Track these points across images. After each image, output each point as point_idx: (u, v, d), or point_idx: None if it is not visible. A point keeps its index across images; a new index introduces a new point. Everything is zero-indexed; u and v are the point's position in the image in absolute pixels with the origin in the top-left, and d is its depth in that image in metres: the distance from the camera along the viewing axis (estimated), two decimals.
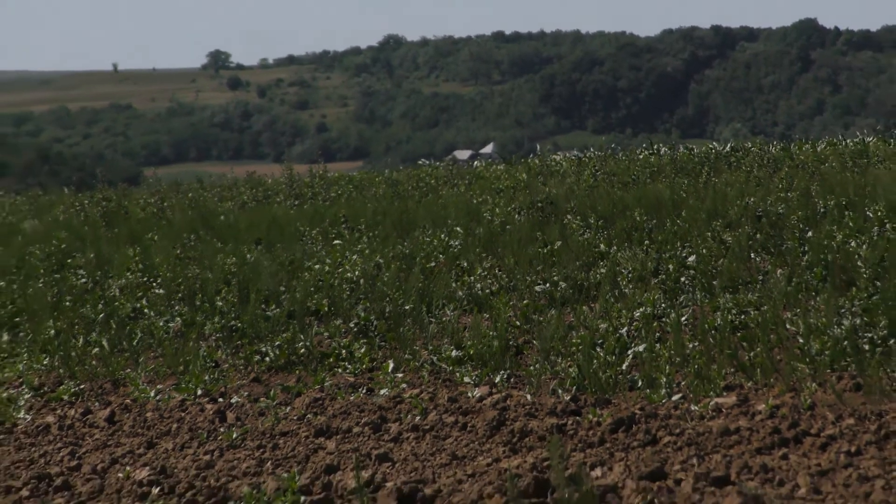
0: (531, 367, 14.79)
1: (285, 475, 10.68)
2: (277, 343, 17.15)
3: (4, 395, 15.42)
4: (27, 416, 14.41)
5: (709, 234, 22.29)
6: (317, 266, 22.33)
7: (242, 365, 16.65)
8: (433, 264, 21.90)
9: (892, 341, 14.04)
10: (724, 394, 13.17)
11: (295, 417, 13.59)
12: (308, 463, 11.58)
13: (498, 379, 14.64)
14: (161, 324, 19.10)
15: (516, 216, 26.68)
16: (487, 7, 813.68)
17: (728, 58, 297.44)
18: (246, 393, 15.05)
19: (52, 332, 19.04)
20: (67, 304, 21.10)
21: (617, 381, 13.84)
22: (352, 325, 18.24)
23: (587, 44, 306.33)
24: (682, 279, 19.41)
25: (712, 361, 14.10)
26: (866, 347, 13.94)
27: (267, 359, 16.72)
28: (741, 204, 24.88)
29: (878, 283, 16.83)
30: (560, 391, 13.79)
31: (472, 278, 20.65)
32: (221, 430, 13.23)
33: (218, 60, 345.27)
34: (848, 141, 41.95)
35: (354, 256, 23.18)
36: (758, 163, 34.89)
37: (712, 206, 25.10)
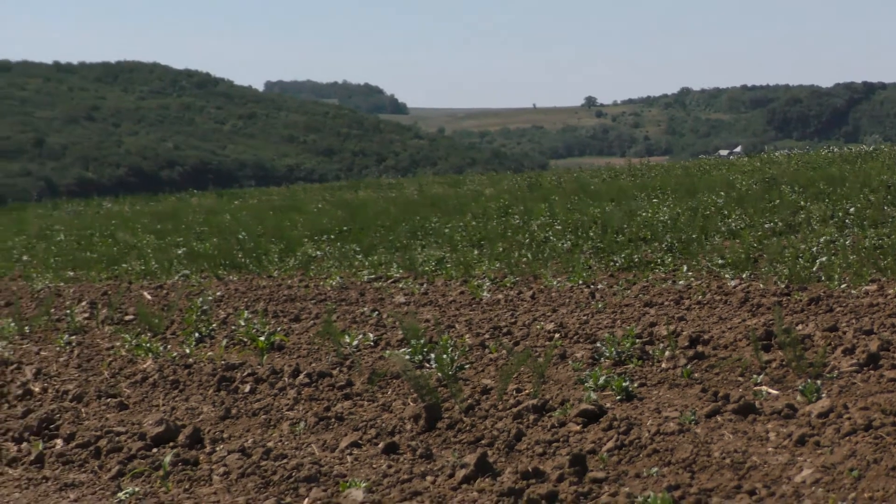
0: (762, 269, 14.59)
1: (627, 328, 10.67)
2: (623, 255, 17.10)
3: (476, 283, 15.62)
4: (487, 295, 14.58)
5: (861, 195, 21.69)
6: (644, 213, 22.20)
7: (604, 267, 16.64)
8: (707, 213, 21.61)
9: None
10: (870, 284, 12.84)
11: (632, 296, 13.54)
12: (639, 321, 11.53)
13: (744, 275, 14.42)
14: (559, 245, 19.18)
15: (753, 186, 26.18)
16: (737, 67, 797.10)
17: (872, 99, 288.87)
18: (605, 283, 15.05)
19: (501, 249, 19.25)
20: (508, 234, 21.29)
21: (810, 277, 13.56)
22: (663, 245, 18.13)
23: (792, 90, 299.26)
24: (847, 220, 18.94)
25: (863, 266, 13.76)
26: None
27: (617, 264, 16.69)
28: (879, 179, 24.15)
29: None
30: (778, 282, 13.57)
31: (728, 220, 20.34)
32: (592, 303, 13.25)
33: (590, 101, 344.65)
34: None
35: (664, 207, 22.98)
36: (888, 156, 33.96)
37: (863, 180, 24.37)
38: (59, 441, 7.95)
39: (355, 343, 11.10)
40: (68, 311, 14.24)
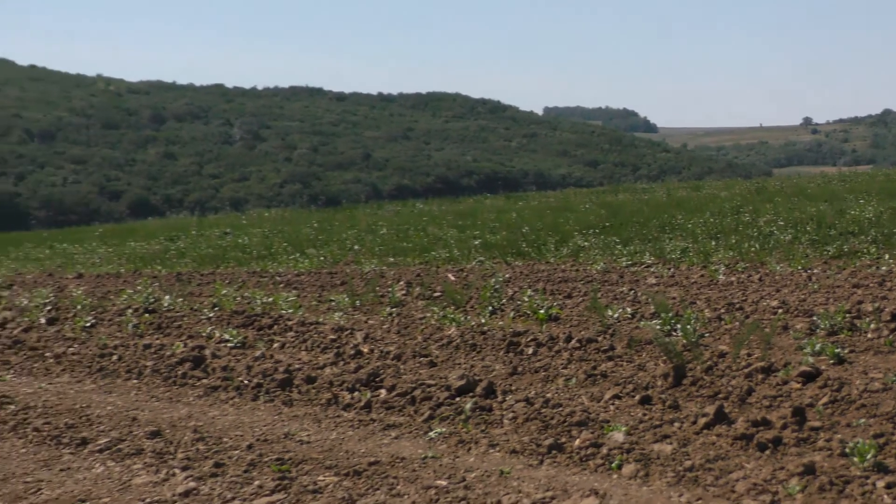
0: None
1: (838, 305, 10.30)
2: (834, 246, 16.38)
3: (713, 268, 15.24)
4: (723, 277, 14.23)
5: None
6: (852, 212, 21.19)
7: (818, 256, 15.92)
8: None
9: None
10: None
11: (843, 280, 12.99)
12: (848, 300, 11.08)
13: None
14: (782, 237, 18.41)
15: None
16: None
17: None
18: (820, 268, 14.46)
19: (733, 241, 18.65)
20: (739, 228, 20.60)
21: None
22: (868, 238, 17.24)
23: None
24: None
25: None
26: None
27: (829, 253, 15.99)
28: None
29: None
30: None
31: None
32: (809, 284, 12.77)
33: (807, 121, 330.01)
34: None
35: (869, 207, 21.87)
36: None
37: None
38: (382, 391, 8.24)
39: (616, 315, 11.08)
40: (389, 289, 14.68)
